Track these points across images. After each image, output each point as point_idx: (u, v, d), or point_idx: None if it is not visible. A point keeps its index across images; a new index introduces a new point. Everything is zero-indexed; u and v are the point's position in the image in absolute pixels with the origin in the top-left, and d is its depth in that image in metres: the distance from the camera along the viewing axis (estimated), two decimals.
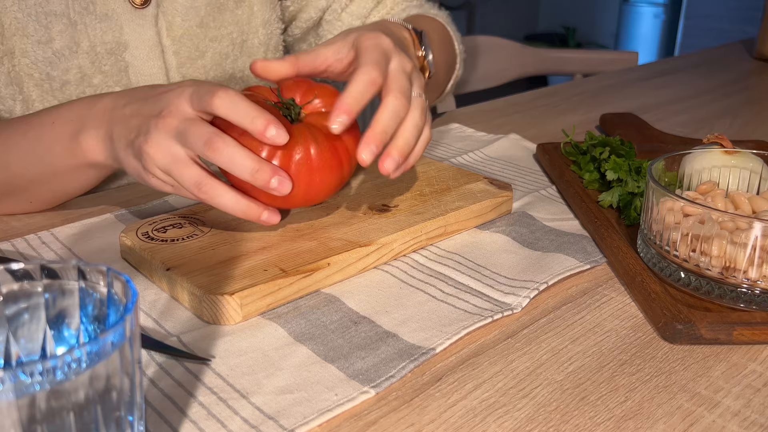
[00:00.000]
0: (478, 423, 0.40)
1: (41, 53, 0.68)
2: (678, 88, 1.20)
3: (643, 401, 0.42)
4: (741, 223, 0.48)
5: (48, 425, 0.29)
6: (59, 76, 0.69)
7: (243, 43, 0.81)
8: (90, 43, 0.69)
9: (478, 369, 0.44)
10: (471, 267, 0.56)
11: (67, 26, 0.68)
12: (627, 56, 1.58)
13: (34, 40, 0.67)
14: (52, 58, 0.68)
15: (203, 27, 0.76)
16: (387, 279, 0.54)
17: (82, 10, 0.68)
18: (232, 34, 0.79)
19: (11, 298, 0.34)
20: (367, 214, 0.61)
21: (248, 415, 0.39)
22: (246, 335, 0.47)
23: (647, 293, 0.50)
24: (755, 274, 0.47)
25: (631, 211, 0.62)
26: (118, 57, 0.72)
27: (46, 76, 0.68)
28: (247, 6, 0.80)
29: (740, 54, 1.49)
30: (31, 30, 0.67)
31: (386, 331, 0.47)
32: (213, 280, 0.49)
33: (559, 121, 1.00)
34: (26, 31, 0.66)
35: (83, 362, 0.29)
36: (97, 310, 0.35)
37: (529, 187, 0.74)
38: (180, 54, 0.76)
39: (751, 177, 0.59)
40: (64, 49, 0.68)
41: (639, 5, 4.43)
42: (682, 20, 3.88)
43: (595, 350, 0.46)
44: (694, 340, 0.47)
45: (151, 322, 0.48)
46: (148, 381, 0.42)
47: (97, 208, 0.67)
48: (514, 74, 1.63)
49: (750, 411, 0.41)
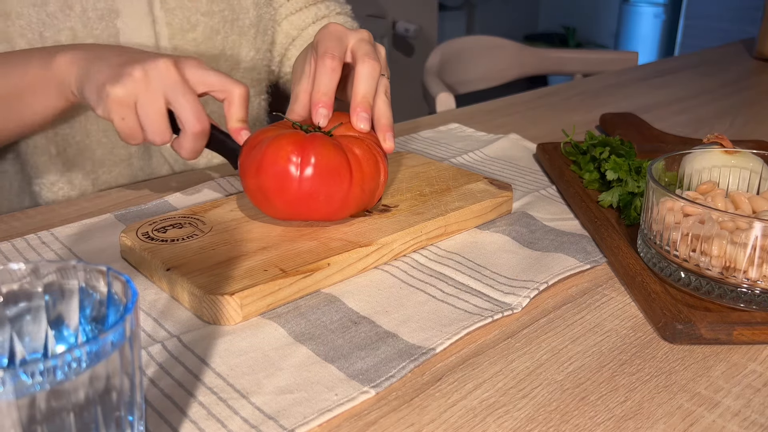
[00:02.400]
0: (478, 423, 0.40)
1: (35, 15, 0.71)
2: (678, 88, 1.20)
3: (643, 401, 0.42)
4: (741, 223, 0.48)
5: (48, 425, 0.29)
6: (51, 36, 0.72)
7: (234, 21, 0.83)
8: (82, 7, 0.73)
9: (478, 369, 0.44)
10: (471, 267, 0.56)
11: None
12: (627, 56, 1.58)
13: (29, 2, 0.70)
14: (46, 19, 0.71)
15: (194, 0, 0.79)
16: (387, 279, 0.54)
17: None
18: (224, 11, 0.82)
19: (12, 298, 0.34)
20: (367, 214, 0.60)
21: (248, 415, 0.39)
22: (246, 335, 0.47)
23: (647, 293, 0.50)
24: (755, 274, 0.47)
25: (631, 211, 0.62)
26: (110, 23, 0.74)
27: (38, 36, 0.71)
28: None
29: (740, 54, 1.49)
30: None
31: (386, 331, 0.47)
32: (213, 280, 0.49)
33: (559, 121, 1.00)
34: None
35: (83, 362, 0.29)
36: (97, 311, 0.35)
37: (529, 187, 0.74)
38: (172, 25, 0.78)
39: (751, 177, 0.59)
40: (57, 11, 0.71)
41: (639, 5, 4.42)
42: (682, 20, 3.87)
43: (595, 350, 0.46)
44: (694, 340, 0.47)
45: (151, 322, 0.48)
46: (148, 381, 0.42)
47: (97, 208, 0.67)
48: (514, 74, 1.63)
49: (750, 411, 0.41)
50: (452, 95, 1.29)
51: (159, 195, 0.70)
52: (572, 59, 1.61)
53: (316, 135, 0.55)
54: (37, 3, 0.71)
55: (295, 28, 0.91)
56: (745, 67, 1.37)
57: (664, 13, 4.32)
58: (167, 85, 0.56)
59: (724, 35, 3.37)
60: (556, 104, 1.10)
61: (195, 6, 0.79)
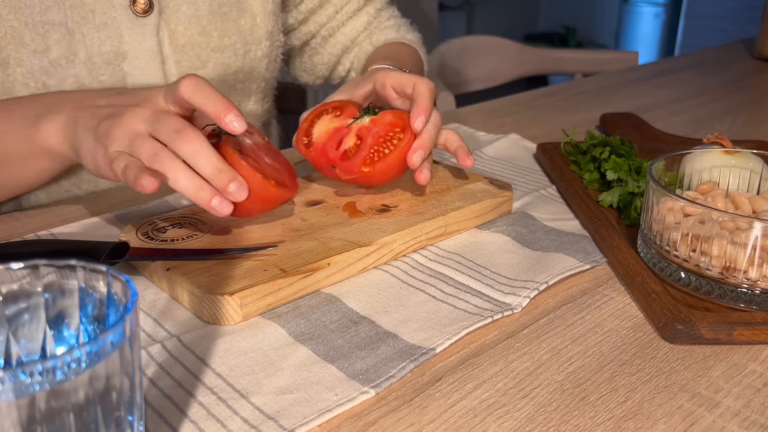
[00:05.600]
0: (478, 423, 0.40)
1: (37, 62, 0.66)
2: (678, 88, 1.20)
3: (643, 401, 0.42)
4: (741, 223, 0.48)
5: (48, 425, 0.28)
6: (56, 85, 0.68)
7: (246, 54, 0.80)
8: (87, 53, 0.68)
9: (478, 369, 0.44)
10: (471, 267, 0.56)
11: (64, 35, 0.67)
12: (627, 56, 1.58)
13: (30, 50, 0.66)
14: (48, 67, 0.67)
15: (205, 36, 0.75)
16: (387, 279, 0.54)
17: (81, 19, 0.67)
18: (236, 44, 0.78)
19: (11, 298, 0.34)
20: (367, 214, 0.61)
21: (248, 415, 0.39)
22: (246, 335, 0.47)
23: (647, 293, 0.50)
24: (755, 274, 0.47)
25: (631, 211, 0.62)
26: (116, 67, 0.71)
27: (42, 86, 0.67)
28: (249, 17, 0.80)
29: (740, 54, 1.49)
30: (28, 39, 0.65)
31: (386, 331, 0.47)
32: (213, 280, 0.49)
33: (559, 121, 1.00)
34: (22, 40, 0.65)
35: (83, 362, 0.29)
36: (97, 310, 0.35)
37: (529, 187, 0.74)
38: (181, 64, 0.75)
39: (751, 177, 0.59)
40: (60, 58, 0.67)
41: (639, 5, 4.43)
42: (682, 20, 3.87)
43: (595, 350, 0.46)
44: (694, 340, 0.47)
45: (151, 322, 0.48)
46: (148, 381, 0.42)
47: (97, 208, 0.67)
48: (514, 74, 1.63)
49: (750, 411, 0.41)
50: (452, 95, 1.29)
51: (159, 195, 0.70)
52: (572, 59, 1.62)
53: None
54: (38, 50, 0.66)
55: (349, 37, 0.95)
56: (745, 67, 1.37)
57: (664, 13, 4.32)
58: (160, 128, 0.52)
59: (724, 35, 3.37)
60: (556, 104, 1.10)
61: (206, 41, 0.76)
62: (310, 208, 0.62)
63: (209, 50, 0.76)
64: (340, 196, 0.64)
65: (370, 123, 0.64)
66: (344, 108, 0.67)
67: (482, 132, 0.92)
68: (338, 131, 0.65)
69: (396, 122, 0.64)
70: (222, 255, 0.52)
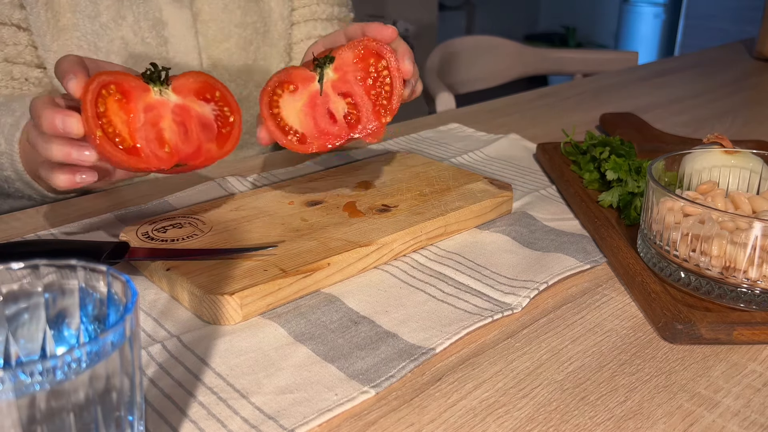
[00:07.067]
0: (478, 423, 0.40)
1: (90, 26, 0.76)
2: (678, 88, 1.20)
3: (643, 401, 0.42)
4: (741, 223, 0.48)
5: (48, 425, 0.28)
6: (105, 46, 0.77)
7: (266, 33, 0.88)
8: (134, 17, 0.77)
9: (478, 369, 0.44)
10: (471, 267, 0.56)
11: (114, 1, 0.77)
12: (627, 56, 1.58)
13: (84, 14, 0.75)
14: (99, 30, 0.76)
15: (227, 12, 0.83)
16: (387, 279, 0.54)
17: None
18: (257, 23, 0.86)
19: (11, 298, 0.34)
20: (367, 214, 0.61)
21: (248, 415, 0.39)
22: (246, 335, 0.47)
23: (647, 293, 0.50)
24: (755, 274, 0.47)
25: (631, 211, 0.62)
26: (159, 32, 0.79)
27: (93, 47, 0.76)
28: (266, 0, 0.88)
29: (740, 54, 1.49)
30: (82, 6, 0.75)
31: (386, 331, 0.47)
32: (213, 280, 0.49)
33: (559, 121, 1.00)
34: (78, 7, 0.75)
35: (83, 362, 0.29)
36: (97, 310, 0.35)
37: (529, 187, 0.74)
38: (207, 35, 0.83)
39: (751, 177, 0.59)
40: (109, 21, 0.76)
41: (639, 5, 4.43)
42: (682, 20, 3.87)
43: (595, 350, 0.46)
44: (694, 340, 0.47)
45: (151, 322, 0.48)
46: (148, 381, 0.42)
47: (97, 208, 0.67)
48: (514, 74, 1.63)
49: (750, 411, 0.41)
50: (452, 95, 1.29)
51: (159, 195, 0.69)
52: (572, 59, 1.62)
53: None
54: (91, 14, 0.76)
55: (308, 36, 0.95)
56: (745, 67, 1.38)
57: (664, 13, 4.32)
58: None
59: (724, 35, 3.37)
60: (556, 104, 1.10)
61: (229, 18, 0.84)
62: (310, 208, 0.62)
63: (232, 26, 0.84)
64: (340, 196, 0.65)
65: (337, 72, 0.59)
66: (289, 79, 0.59)
67: (482, 132, 0.92)
68: (313, 104, 0.59)
69: (358, 54, 0.59)
70: (222, 255, 0.53)
